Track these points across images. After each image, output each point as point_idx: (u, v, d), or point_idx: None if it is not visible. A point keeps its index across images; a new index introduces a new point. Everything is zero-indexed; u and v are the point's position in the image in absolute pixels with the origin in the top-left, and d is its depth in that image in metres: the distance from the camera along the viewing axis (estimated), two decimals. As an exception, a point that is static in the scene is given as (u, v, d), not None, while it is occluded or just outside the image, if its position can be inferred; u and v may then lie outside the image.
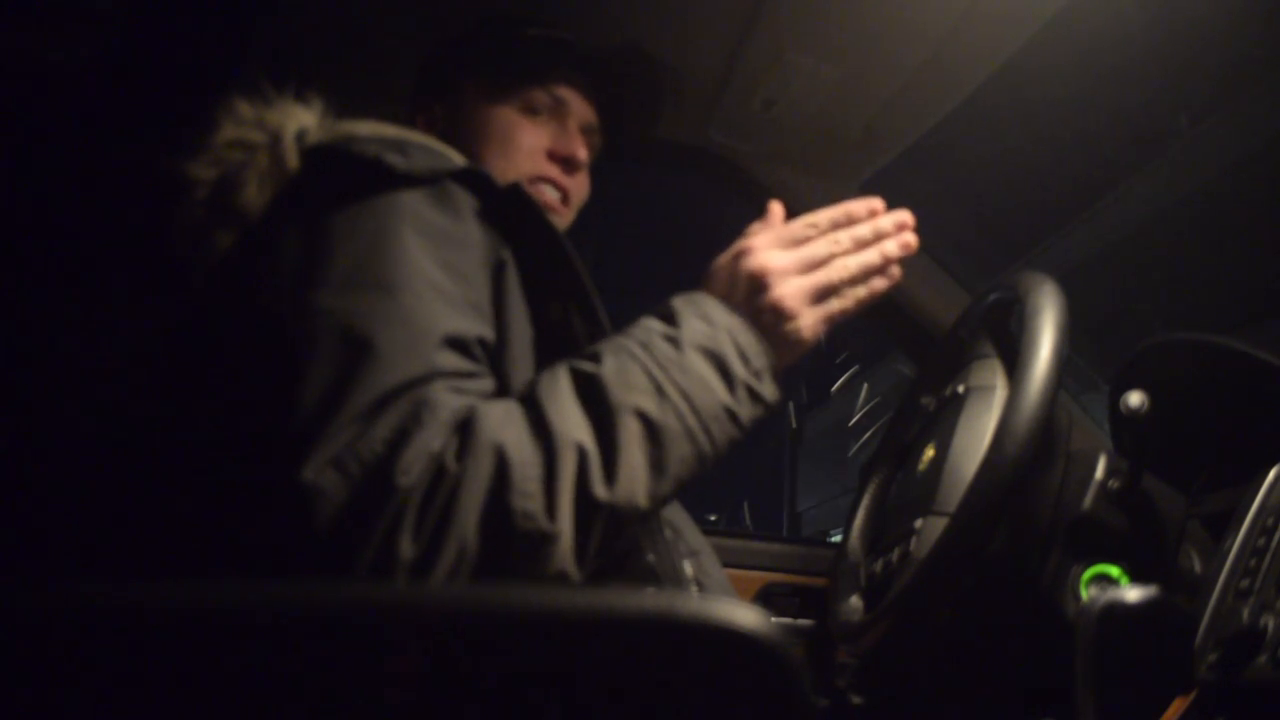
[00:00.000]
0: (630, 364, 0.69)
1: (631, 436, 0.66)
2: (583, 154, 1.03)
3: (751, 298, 0.78)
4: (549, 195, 1.02)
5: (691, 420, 0.69)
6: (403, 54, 1.15)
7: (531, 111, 1.02)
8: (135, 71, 1.04)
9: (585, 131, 1.06)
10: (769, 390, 0.76)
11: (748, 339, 0.75)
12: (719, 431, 0.71)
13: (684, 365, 0.71)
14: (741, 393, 0.73)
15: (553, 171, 1.02)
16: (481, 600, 0.42)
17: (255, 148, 0.79)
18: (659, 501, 0.69)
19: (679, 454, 0.68)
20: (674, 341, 0.72)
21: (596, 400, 0.67)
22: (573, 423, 0.65)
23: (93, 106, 1.03)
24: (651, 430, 0.67)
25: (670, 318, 0.75)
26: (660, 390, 0.69)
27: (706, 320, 0.75)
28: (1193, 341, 1.10)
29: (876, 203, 0.85)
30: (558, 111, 1.04)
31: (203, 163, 0.79)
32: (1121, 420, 0.92)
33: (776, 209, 0.88)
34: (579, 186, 1.05)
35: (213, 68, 1.06)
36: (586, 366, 0.69)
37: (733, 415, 0.72)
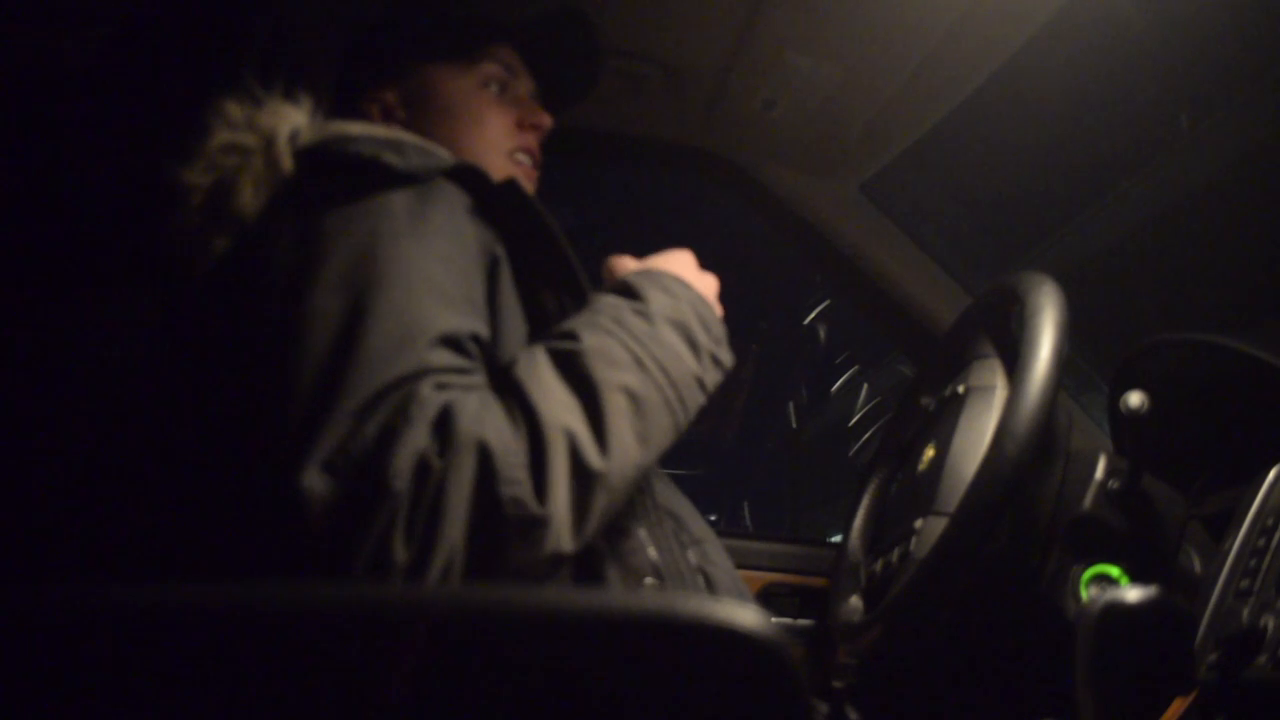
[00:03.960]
0: (609, 340, 0.71)
1: (618, 412, 0.67)
2: (548, 120, 1.03)
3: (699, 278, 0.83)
4: (525, 163, 1.02)
5: (669, 391, 0.72)
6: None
7: (488, 85, 1.02)
8: (131, 74, 1.04)
9: (535, 98, 1.06)
10: (727, 355, 0.79)
11: (706, 309, 0.79)
12: (690, 400, 0.74)
13: (658, 338, 0.73)
14: (707, 360, 0.76)
15: (525, 140, 1.02)
16: (482, 601, 0.42)
17: (249, 152, 0.79)
18: (643, 471, 0.71)
19: (660, 424, 0.71)
20: (644, 315, 0.74)
21: (581, 379, 0.67)
22: (559, 404, 0.66)
23: (89, 110, 1.03)
24: (636, 404, 0.69)
25: (632, 292, 0.77)
26: (640, 364, 0.70)
27: (668, 293, 0.78)
28: (1193, 341, 1.10)
29: None
30: (511, 82, 1.04)
31: (197, 169, 0.79)
32: (1121, 420, 0.92)
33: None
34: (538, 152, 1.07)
35: (200, 67, 1.06)
36: (566, 345, 0.70)
37: (701, 382, 0.75)
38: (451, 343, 0.68)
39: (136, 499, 0.75)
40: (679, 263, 0.85)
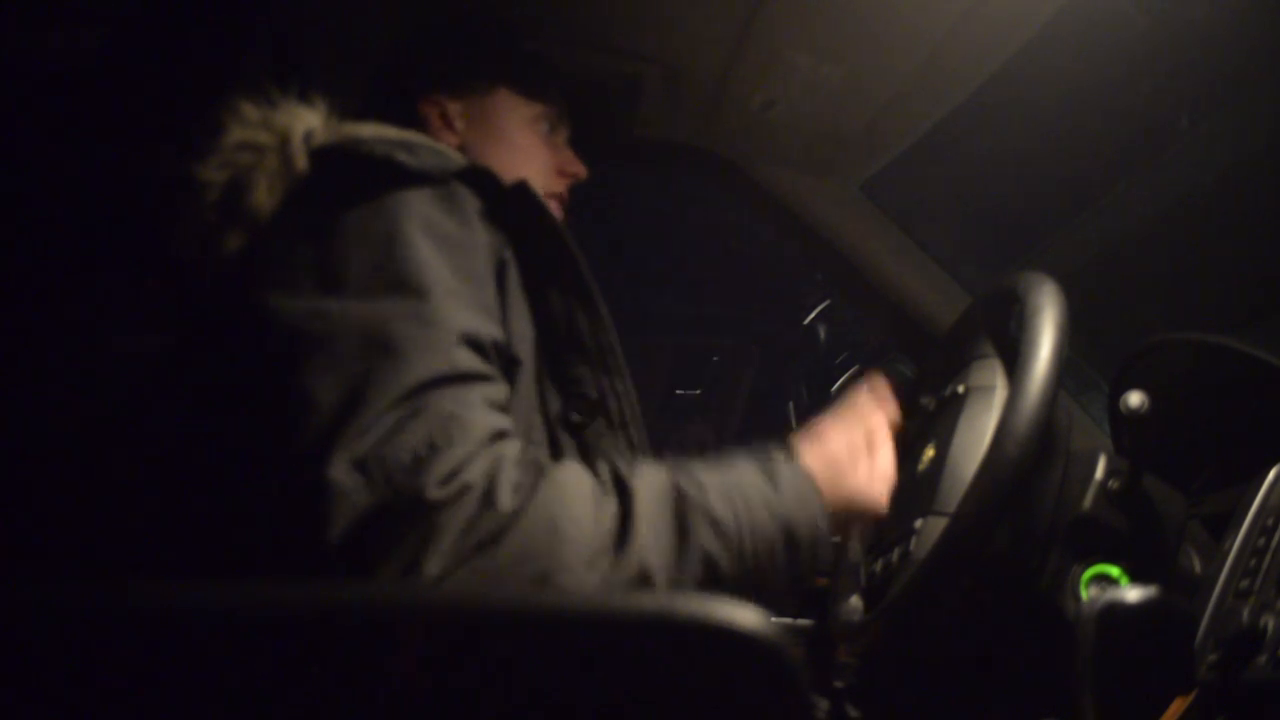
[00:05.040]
0: (729, 514, 0.72)
1: (694, 575, 0.69)
2: (585, 172, 1.06)
3: (855, 498, 0.86)
4: (556, 209, 1.04)
5: (745, 587, 0.73)
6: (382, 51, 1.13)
7: (542, 126, 1.04)
8: (138, 73, 1.04)
9: (569, 145, 1.09)
10: (812, 583, 0.80)
11: (825, 541, 0.79)
12: (751, 597, 0.75)
13: (771, 541, 0.74)
14: (791, 580, 0.77)
15: (561, 187, 1.05)
16: (482, 600, 0.42)
17: (264, 150, 0.79)
18: None
19: (711, 589, 0.71)
20: (771, 512, 0.75)
21: (685, 531, 0.69)
22: (650, 542, 0.67)
23: (97, 109, 1.03)
24: (712, 577, 0.71)
25: (773, 479, 0.78)
26: (741, 555, 0.72)
27: (803, 505, 0.78)
28: (1193, 341, 1.10)
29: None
30: (558, 125, 1.06)
31: (212, 165, 0.79)
32: (1121, 420, 0.92)
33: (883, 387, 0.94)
34: None
35: (214, 68, 1.06)
36: (691, 491, 0.71)
37: (774, 594, 0.76)
38: (475, 345, 0.68)
39: (149, 500, 0.75)
40: (844, 478, 0.86)
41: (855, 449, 0.87)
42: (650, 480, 0.70)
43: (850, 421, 0.89)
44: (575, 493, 0.65)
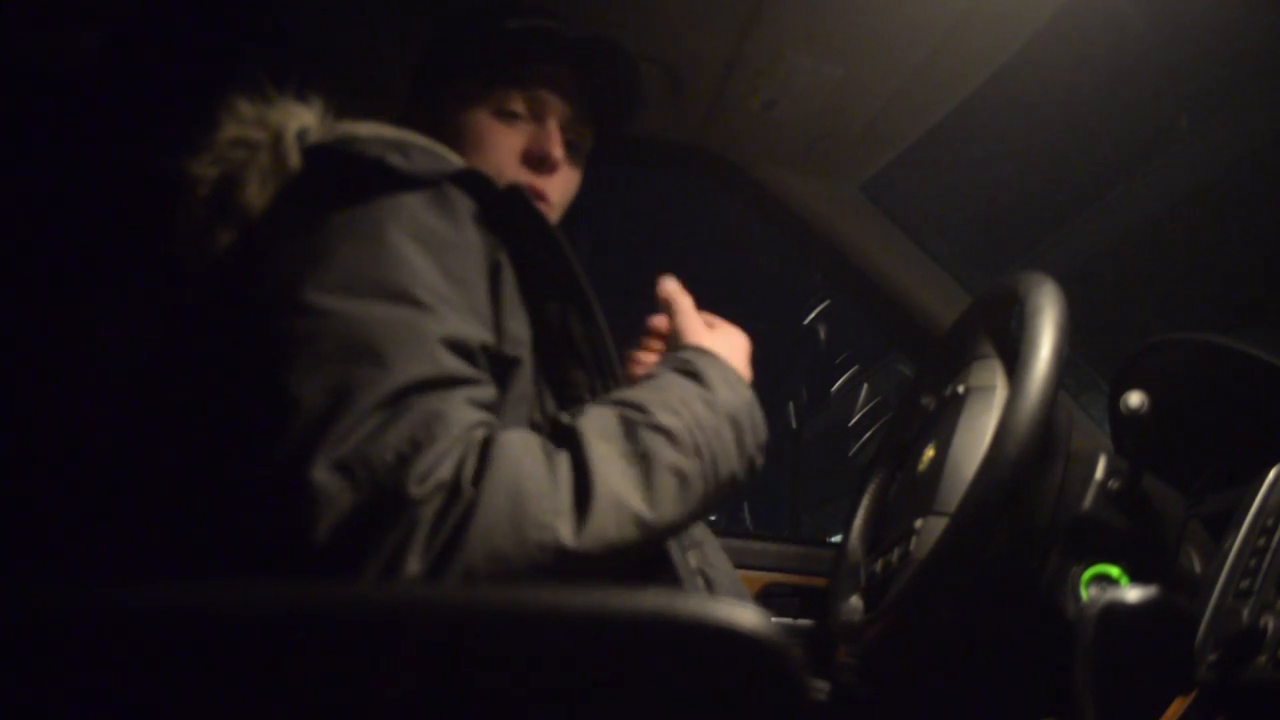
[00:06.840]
0: (676, 421, 0.73)
1: (667, 490, 0.69)
2: (558, 152, 0.99)
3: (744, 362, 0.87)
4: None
5: (711, 483, 0.74)
6: (397, 52, 1.14)
7: (508, 115, 0.98)
8: (134, 70, 1.04)
9: (568, 126, 1.02)
10: (762, 460, 0.80)
11: (759, 413, 0.80)
12: (722, 494, 0.76)
13: (718, 432, 0.75)
14: (745, 464, 0.77)
15: (524, 175, 0.98)
16: (482, 600, 0.42)
17: (257, 146, 0.79)
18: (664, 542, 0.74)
19: (693, 511, 0.72)
20: (710, 406, 0.76)
21: (643, 452, 0.70)
22: (617, 472, 0.67)
23: (91, 106, 1.03)
24: (683, 485, 0.71)
25: (699, 378, 0.79)
26: (698, 452, 0.73)
27: (733, 390, 0.79)
28: (1193, 341, 1.10)
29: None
30: (536, 111, 0.99)
31: (204, 161, 0.79)
32: (1121, 420, 0.92)
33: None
34: (559, 185, 1.01)
35: (211, 66, 1.06)
36: (636, 416, 0.72)
37: (734, 480, 0.76)
38: (460, 349, 0.68)
39: (138, 499, 0.75)
40: (736, 349, 0.87)
41: (713, 326, 0.90)
42: (594, 419, 0.71)
43: (689, 316, 0.90)
44: (525, 453, 0.65)
